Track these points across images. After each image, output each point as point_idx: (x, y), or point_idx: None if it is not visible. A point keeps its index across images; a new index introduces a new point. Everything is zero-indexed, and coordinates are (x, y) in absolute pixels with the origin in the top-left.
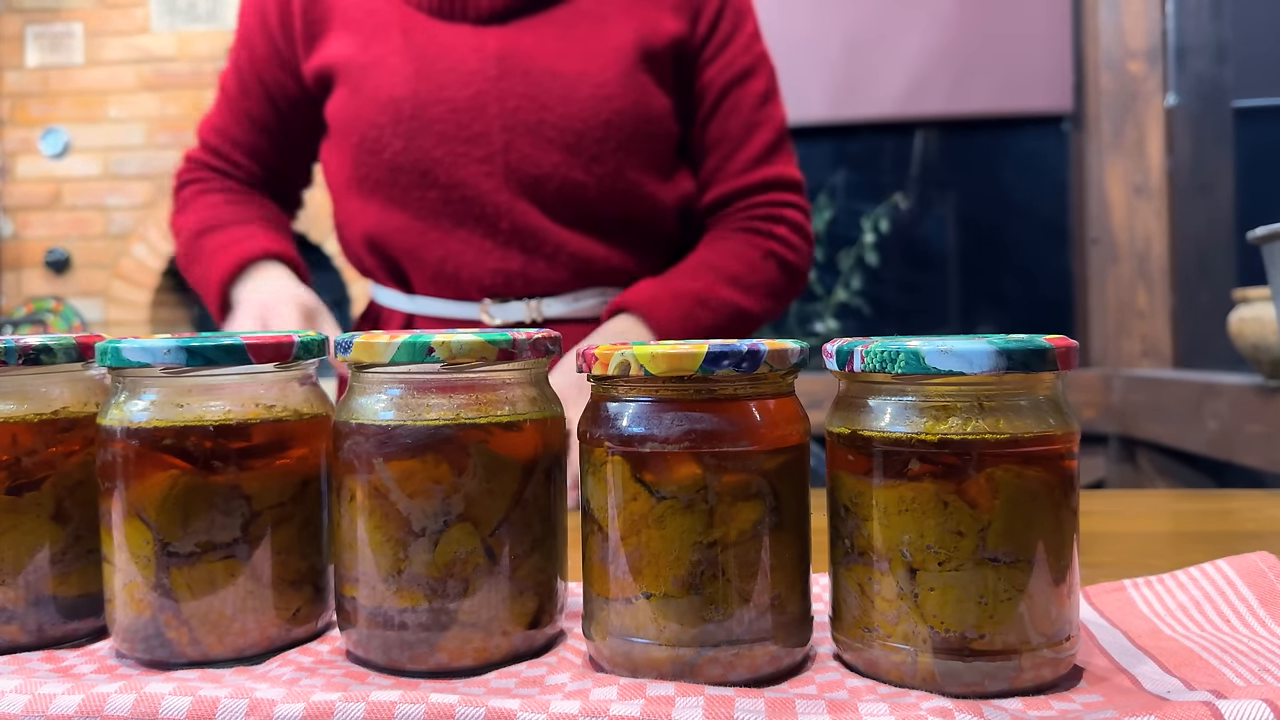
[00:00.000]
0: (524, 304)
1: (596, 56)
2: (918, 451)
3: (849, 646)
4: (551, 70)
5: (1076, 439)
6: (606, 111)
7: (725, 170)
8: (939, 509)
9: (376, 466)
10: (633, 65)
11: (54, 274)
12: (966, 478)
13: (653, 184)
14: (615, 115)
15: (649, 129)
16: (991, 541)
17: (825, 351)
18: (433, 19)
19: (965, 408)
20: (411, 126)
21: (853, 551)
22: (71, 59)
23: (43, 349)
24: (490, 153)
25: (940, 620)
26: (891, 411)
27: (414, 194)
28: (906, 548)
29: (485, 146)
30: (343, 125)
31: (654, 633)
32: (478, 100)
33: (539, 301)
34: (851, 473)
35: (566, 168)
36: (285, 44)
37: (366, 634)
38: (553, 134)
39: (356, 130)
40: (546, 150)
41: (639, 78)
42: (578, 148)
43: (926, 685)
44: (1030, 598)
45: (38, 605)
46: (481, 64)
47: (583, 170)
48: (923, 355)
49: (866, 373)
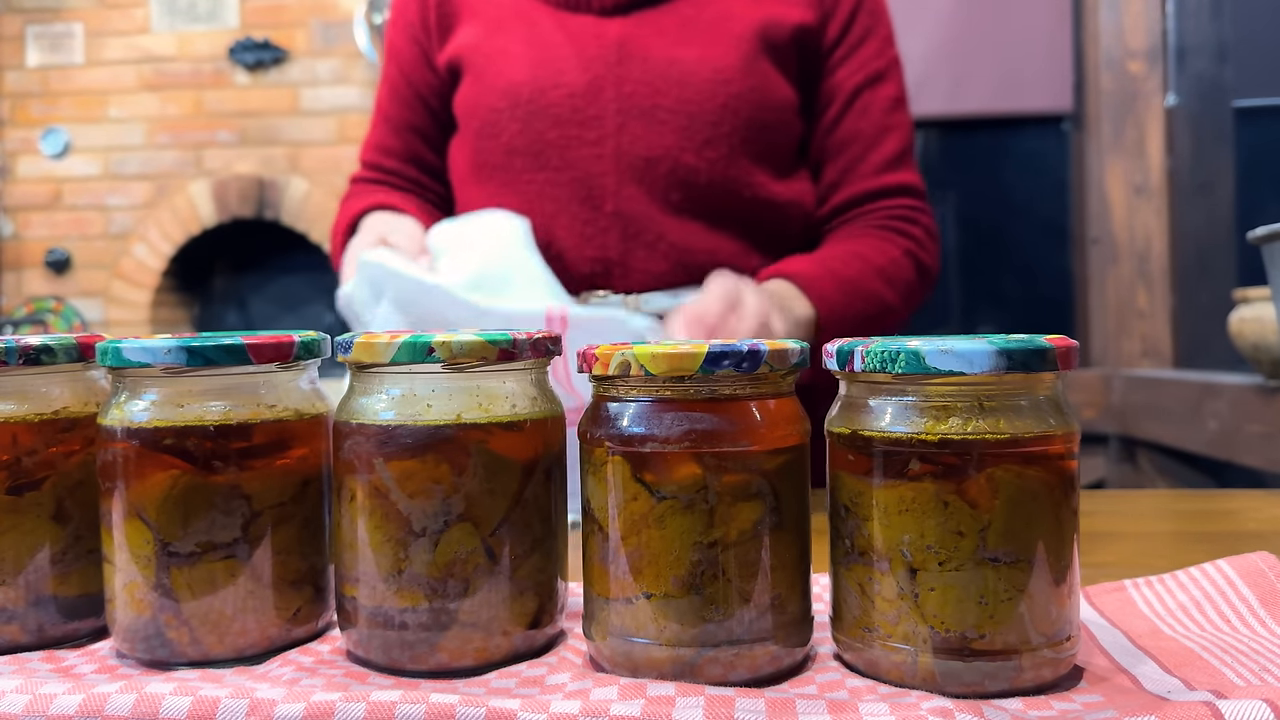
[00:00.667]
0: (621, 299)
1: (717, 43)
2: (918, 451)
3: (849, 646)
4: (670, 56)
5: (1077, 439)
6: (724, 95)
7: (857, 171)
8: (939, 509)
9: (377, 466)
10: (754, 52)
11: (54, 274)
12: (967, 478)
13: (767, 177)
14: (732, 99)
15: (767, 117)
16: (992, 541)
17: (825, 351)
18: (557, 10)
19: (965, 408)
20: (529, 110)
21: (853, 551)
22: (72, 59)
23: (43, 349)
24: (603, 135)
25: (940, 620)
26: (892, 411)
27: (525, 177)
28: (907, 548)
29: (598, 129)
30: (466, 113)
31: (654, 633)
32: (595, 85)
33: (637, 296)
34: (852, 473)
35: (678, 151)
36: (425, 39)
37: (367, 634)
38: (667, 116)
39: (477, 116)
40: (660, 133)
41: (760, 64)
42: (691, 130)
43: (927, 685)
44: (1030, 598)
45: (38, 605)
46: (601, 51)
47: (694, 154)
48: (923, 355)
49: (867, 372)
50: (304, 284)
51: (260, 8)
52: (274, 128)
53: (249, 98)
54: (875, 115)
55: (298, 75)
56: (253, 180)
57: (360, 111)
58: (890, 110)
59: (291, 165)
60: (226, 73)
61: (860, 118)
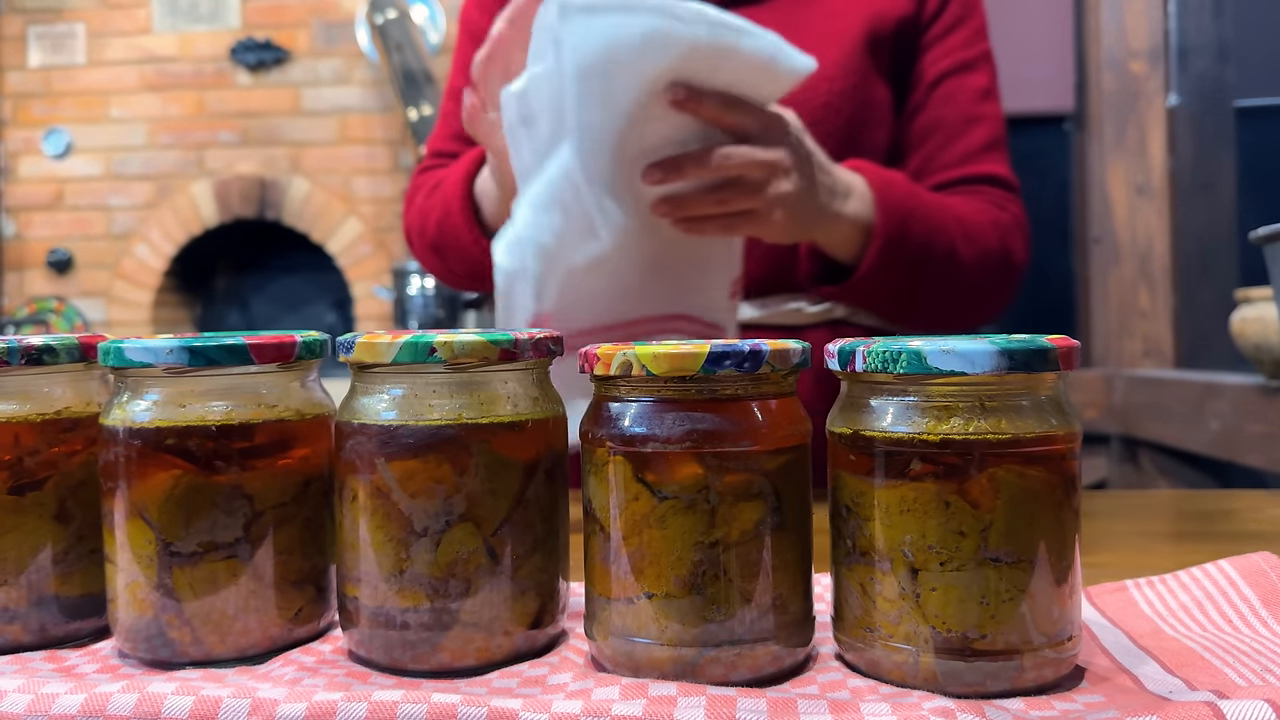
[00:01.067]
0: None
1: (820, 38)
2: (920, 451)
3: (851, 646)
4: None
5: (1078, 439)
6: (825, 93)
7: (939, 160)
8: (941, 509)
9: (378, 466)
10: (856, 48)
11: (56, 274)
12: (968, 478)
13: None
14: (834, 98)
15: (867, 116)
16: (993, 541)
17: (827, 351)
18: None
19: (967, 408)
20: None
21: (854, 551)
22: (74, 59)
23: (45, 349)
24: None
25: (942, 620)
26: (894, 411)
27: None
28: (908, 547)
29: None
30: None
31: (656, 633)
32: None
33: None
34: (853, 473)
35: None
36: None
37: (369, 634)
38: None
39: None
40: None
41: (862, 62)
42: None
43: (928, 685)
44: (1032, 598)
45: (40, 605)
46: None
47: None
48: (925, 355)
49: (869, 373)
50: (306, 284)
51: (262, 8)
52: (276, 128)
53: (251, 98)
54: (962, 103)
55: (299, 75)
56: (254, 180)
57: (361, 112)
58: (978, 99)
59: (293, 165)
60: (228, 73)
61: (944, 104)
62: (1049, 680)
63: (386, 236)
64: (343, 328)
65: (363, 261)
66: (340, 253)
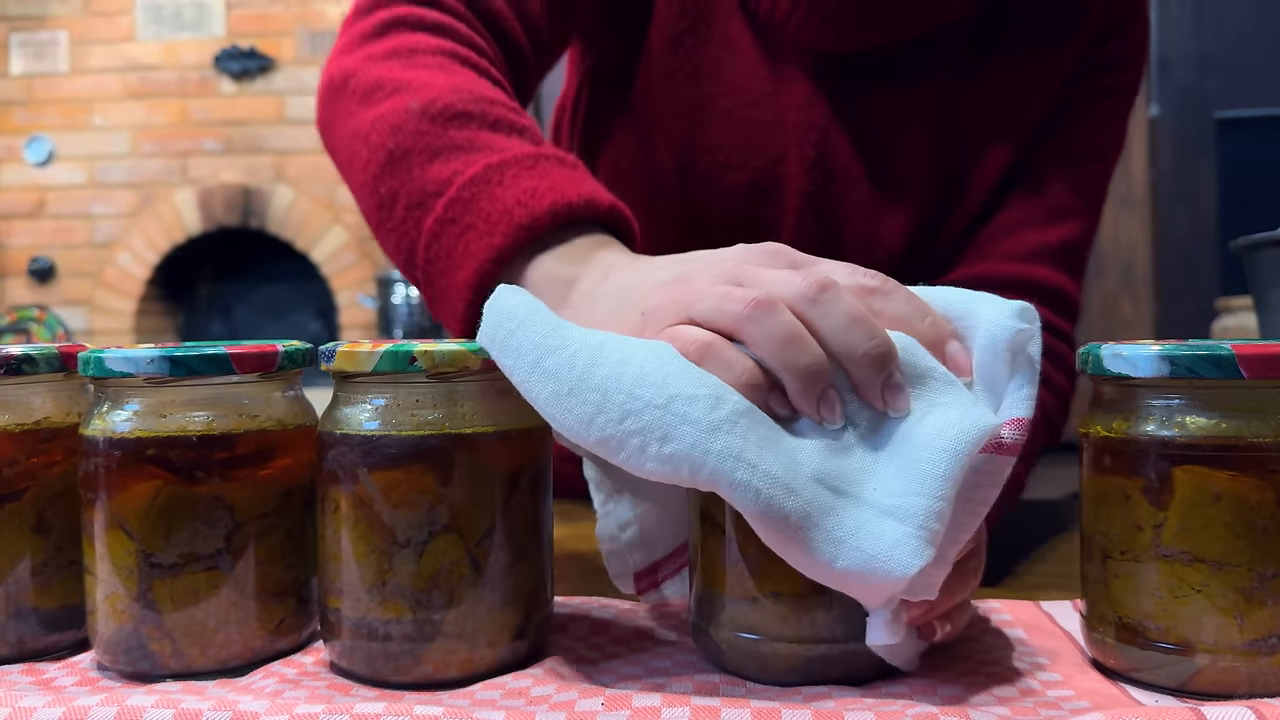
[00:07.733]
0: None
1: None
2: (1109, 446)
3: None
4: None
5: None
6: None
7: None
8: (1122, 502)
9: (361, 477)
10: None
11: (38, 283)
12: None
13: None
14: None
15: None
16: (1166, 539)
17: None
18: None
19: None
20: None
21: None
22: (56, 67)
23: (25, 359)
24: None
25: (1122, 607)
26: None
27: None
28: (1100, 536)
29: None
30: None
31: (783, 631)
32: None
33: None
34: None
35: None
36: None
37: (351, 645)
38: None
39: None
40: None
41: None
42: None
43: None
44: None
45: (18, 617)
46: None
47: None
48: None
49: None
50: (290, 293)
51: (246, 16)
52: (260, 136)
53: (235, 106)
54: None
55: (284, 84)
56: (238, 189)
57: None
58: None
59: (277, 174)
60: (212, 81)
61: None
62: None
63: (371, 245)
64: (327, 337)
65: (347, 270)
66: (324, 261)
